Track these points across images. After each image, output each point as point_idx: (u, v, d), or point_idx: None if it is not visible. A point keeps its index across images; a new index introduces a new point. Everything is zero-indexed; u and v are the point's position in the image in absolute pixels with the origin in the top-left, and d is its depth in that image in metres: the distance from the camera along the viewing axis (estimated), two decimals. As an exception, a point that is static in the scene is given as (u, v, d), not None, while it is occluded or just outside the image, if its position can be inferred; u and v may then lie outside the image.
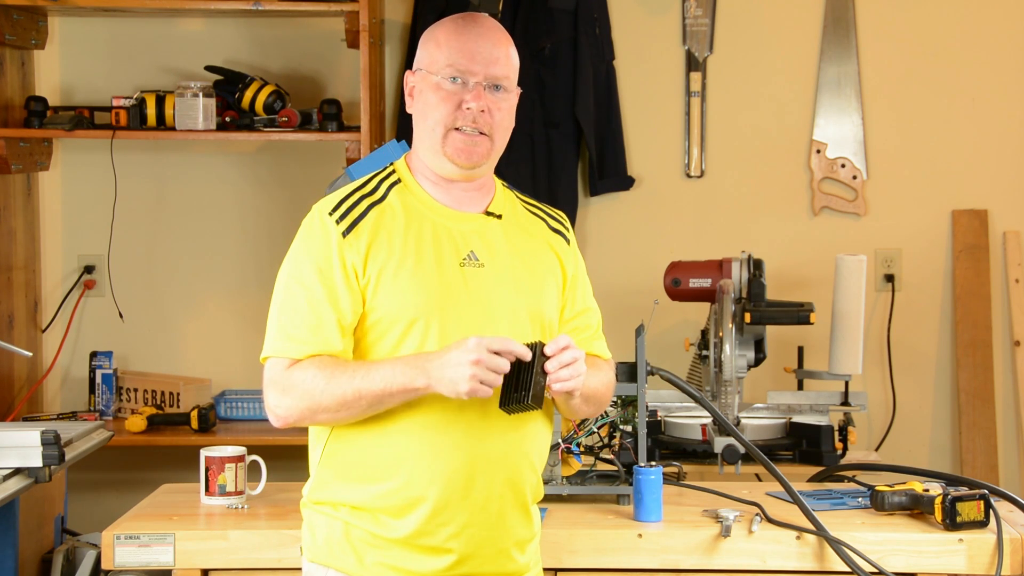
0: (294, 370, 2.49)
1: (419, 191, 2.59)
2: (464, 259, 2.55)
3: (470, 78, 2.53)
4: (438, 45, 2.56)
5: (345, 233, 2.51)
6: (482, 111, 2.53)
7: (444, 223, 2.57)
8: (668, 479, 3.37)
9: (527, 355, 2.42)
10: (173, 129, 4.59)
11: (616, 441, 3.32)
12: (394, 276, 2.50)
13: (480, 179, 2.61)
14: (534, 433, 2.59)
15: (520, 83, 2.60)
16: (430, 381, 2.42)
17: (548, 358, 2.45)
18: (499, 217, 2.63)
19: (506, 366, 2.40)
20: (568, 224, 2.74)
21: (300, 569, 2.64)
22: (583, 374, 2.49)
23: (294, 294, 2.52)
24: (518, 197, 2.72)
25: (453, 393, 2.40)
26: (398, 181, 2.61)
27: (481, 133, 2.55)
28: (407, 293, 2.50)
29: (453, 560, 2.53)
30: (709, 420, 3.89)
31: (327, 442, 2.56)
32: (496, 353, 2.40)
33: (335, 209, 2.54)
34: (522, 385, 2.43)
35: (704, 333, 4.11)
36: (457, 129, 2.54)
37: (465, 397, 2.40)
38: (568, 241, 2.71)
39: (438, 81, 2.54)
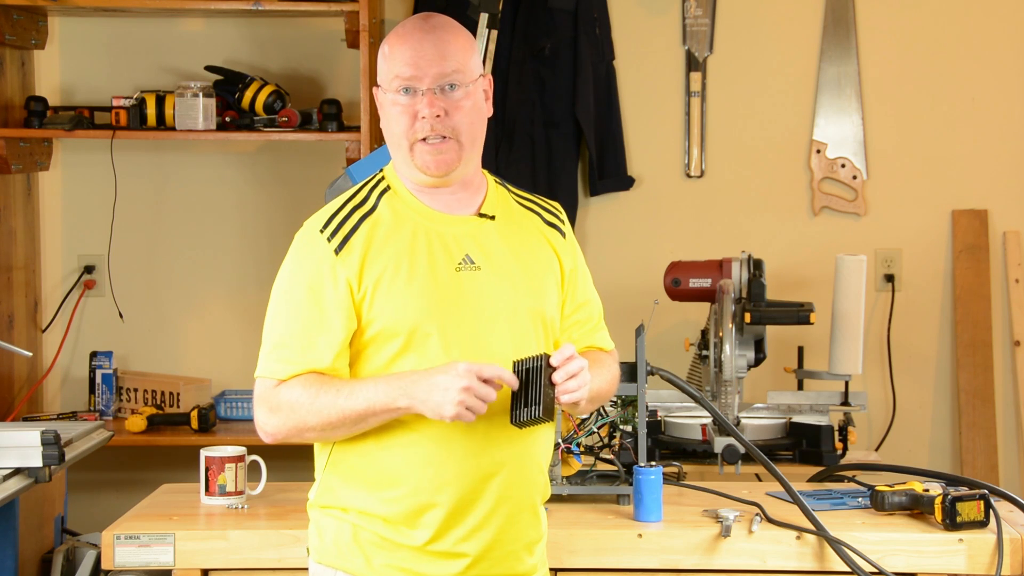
0: (281, 389, 2.48)
1: (409, 197, 2.57)
2: (460, 263, 2.53)
3: (418, 85, 2.49)
4: (386, 58, 2.52)
5: (337, 250, 2.49)
6: (437, 116, 2.49)
7: (437, 228, 2.55)
8: (668, 479, 3.37)
9: (515, 383, 2.42)
10: (173, 129, 4.59)
11: (616, 441, 3.32)
12: (390, 287, 2.48)
13: (464, 180, 2.58)
14: (540, 434, 2.58)
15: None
16: (413, 402, 2.41)
17: (554, 369, 2.44)
18: (492, 218, 2.60)
19: (493, 396, 2.40)
20: (563, 215, 2.71)
21: (301, 569, 2.65)
22: (588, 382, 2.49)
23: (285, 313, 2.52)
24: (510, 191, 2.68)
25: (436, 416, 2.40)
26: (388, 188, 2.58)
27: (445, 137, 2.51)
28: (404, 303, 2.48)
29: (465, 564, 2.53)
30: (709, 420, 3.89)
31: (333, 449, 2.55)
32: (486, 380, 2.39)
33: (326, 225, 2.52)
34: (531, 399, 2.42)
35: (704, 333, 4.11)
36: (423, 140, 2.51)
37: (448, 421, 2.40)
38: (564, 234, 2.68)
39: (392, 97, 2.51)
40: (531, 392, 2.42)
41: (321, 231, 2.52)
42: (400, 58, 2.50)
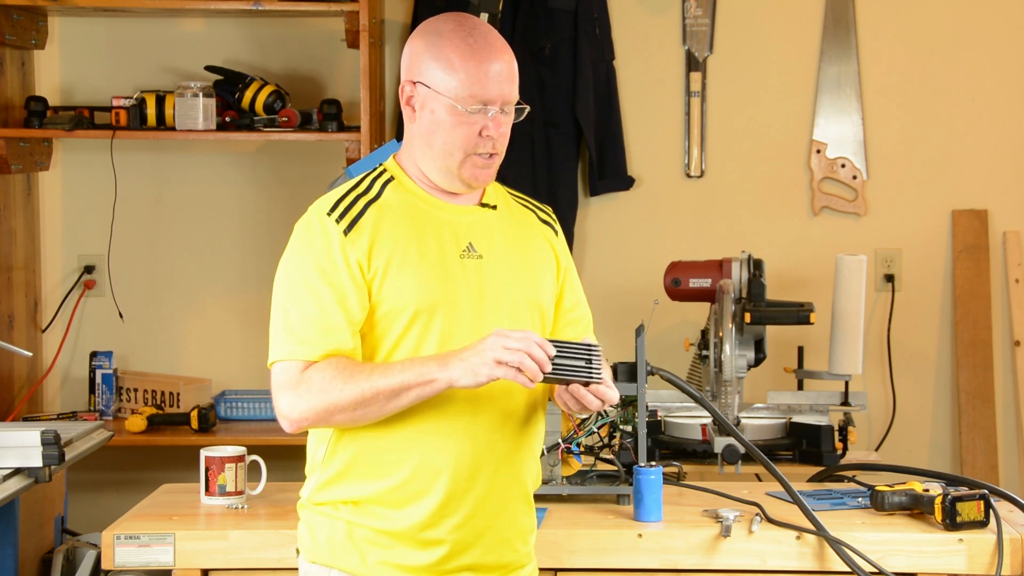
0: (311, 371, 2.47)
1: (413, 187, 2.60)
2: (463, 251, 2.56)
3: (491, 107, 2.53)
4: (452, 68, 2.51)
5: (346, 232, 2.51)
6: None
7: (441, 216, 2.58)
8: (668, 479, 3.37)
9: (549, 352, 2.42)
10: (173, 129, 4.59)
11: (616, 441, 3.32)
12: (399, 270, 2.51)
13: None
14: (533, 422, 2.61)
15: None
16: (449, 371, 2.40)
17: (589, 373, 2.45)
18: (494, 208, 2.64)
19: (522, 338, 2.40)
20: (555, 217, 2.76)
21: (298, 570, 2.64)
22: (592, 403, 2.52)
23: (299, 296, 2.51)
24: (506, 191, 2.73)
25: (472, 374, 2.39)
26: (391, 179, 2.61)
27: (493, 155, 2.57)
28: (412, 286, 2.50)
29: (456, 551, 2.54)
30: (709, 420, 3.89)
31: (329, 442, 2.56)
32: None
33: (333, 209, 2.54)
34: (560, 365, 2.43)
35: (704, 333, 4.11)
36: (476, 154, 2.55)
37: (484, 380, 2.39)
38: (556, 233, 2.73)
39: (461, 108, 2.51)
40: (564, 363, 2.43)
41: (328, 214, 2.53)
42: (478, 76, 2.51)
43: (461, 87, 2.51)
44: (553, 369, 2.42)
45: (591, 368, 2.46)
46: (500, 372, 2.38)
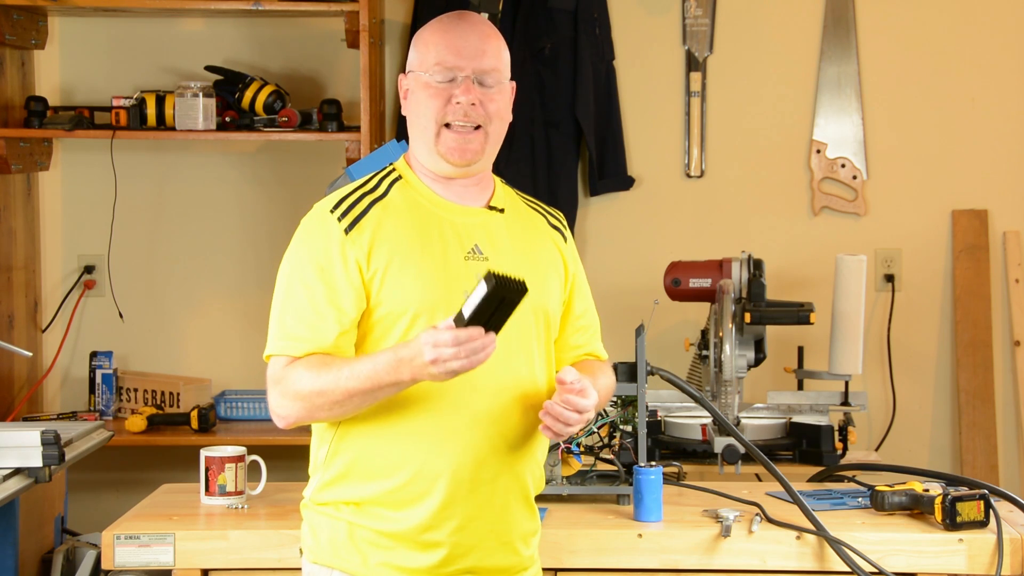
0: (289, 370, 2.49)
1: (421, 187, 2.60)
2: (468, 253, 2.56)
3: (458, 73, 2.55)
4: (426, 45, 2.58)
5: (348, 230, 2.51)
6: (473, 104, 2.55)
7: (448, 217, 2.58)
8: (668, 479, 3.38)
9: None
10: (173, 129, 4.59)
11: (616, 441, 3.32)
12: (400, 271, 2.51)
13: (479, 174, 2.62)
14: (535, 426, 2.59)
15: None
16: (414, 374, 2.40)
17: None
18: (501, 211, 2.64)
19: (454, 351, 2.34)
20: (565, 222, 2.75)
21: (300, 569, 2.64)
22: (568, 431, 2.51)
23: (295, 292, 2.52)
24: (517, 192, 2.73)
25: (440, 380, 2.39)
26: (399, 178, 2.61)
27: (475, 127, 2.56)
28: (413, 287, 2.50)
29: (457, 554, 2.54)
30: (709, 420, 3.89)
31: (331, 442, 2.56)
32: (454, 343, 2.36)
33: (336, 207, 2.54)
34: (492, 315, 2.35)
35: (704, 333, 4.11)
36: (447, 126, 2.55)
37: (451, 377, 2.38)
38: (565, 239, 2.72)
39: (427, 79, 2.56)
40: (495, 312, 2.35)
41: (331, 212, 2.54)
42: (444, 45, 2.56)
43: (430, 57, 2.56)
44: (488, 327, 2.35)
45: (512, 299, 2.34)
46: (461, 372, 2.36)
